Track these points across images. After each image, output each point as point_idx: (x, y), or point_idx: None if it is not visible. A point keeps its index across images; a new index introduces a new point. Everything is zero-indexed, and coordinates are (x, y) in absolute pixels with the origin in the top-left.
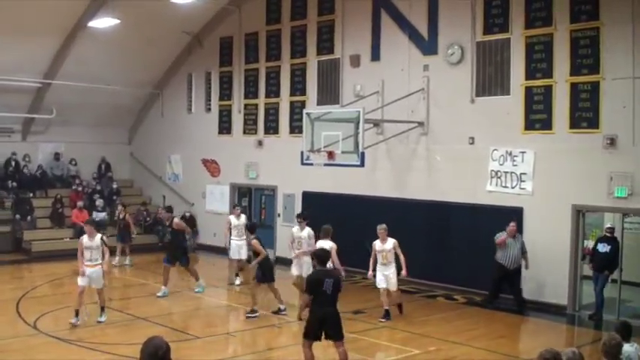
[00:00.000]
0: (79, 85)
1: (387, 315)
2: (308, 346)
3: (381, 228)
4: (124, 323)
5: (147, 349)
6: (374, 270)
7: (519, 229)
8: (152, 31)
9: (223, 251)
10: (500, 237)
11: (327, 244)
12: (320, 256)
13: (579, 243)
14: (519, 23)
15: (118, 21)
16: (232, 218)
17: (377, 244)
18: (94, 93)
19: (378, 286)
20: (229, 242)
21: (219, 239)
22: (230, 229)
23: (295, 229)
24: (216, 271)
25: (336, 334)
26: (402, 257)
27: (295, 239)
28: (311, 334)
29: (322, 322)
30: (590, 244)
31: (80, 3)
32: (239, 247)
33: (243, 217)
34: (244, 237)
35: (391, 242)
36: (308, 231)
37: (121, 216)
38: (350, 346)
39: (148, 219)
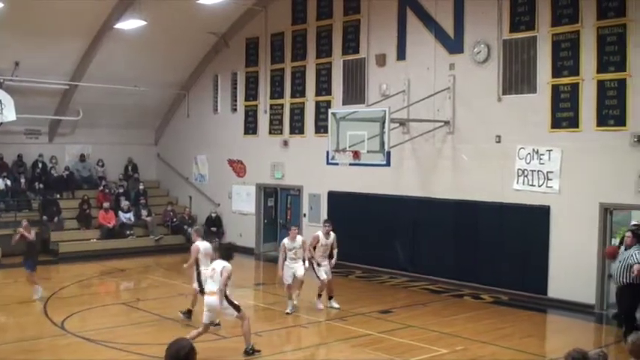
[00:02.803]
0: (106, 86)
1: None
2: None
3: (326, 224)
4: (152, 324)
5: (169, 351)
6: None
7: (546, 228)
8: (178, 31)
9: (249, 252)
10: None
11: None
12: None
13: (607, 241)
14: (546, 21)
15: (144, 22)
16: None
17: (321, 238)
18: (121, 94)
19: (321, 278)
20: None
21: (245, 240)
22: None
23: None
24: (243, 272)
25: None
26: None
27: None
28: None
29: None
30: (616, 242)
31: (107, 4)
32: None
33: (332, 235)
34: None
35: (332, 236)
36: None
37: (17, 237)
38: (378, 345)
39: (175, 219)
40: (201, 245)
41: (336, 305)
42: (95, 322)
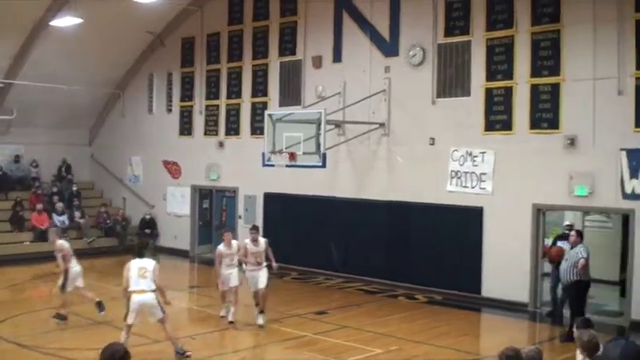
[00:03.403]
0: (40, 85)
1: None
2: None
3: (252, 231)
4: (85, 328)
5: (103, 355)
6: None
7: (479, 229)
8: (114, 30)
9: (184, 254)
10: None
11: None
12: None
13: (540, 241)
14: (480, 25)
15: (80, 20)
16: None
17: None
18: (56, 93)
19: (251, 290)
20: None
21: (180, 241)
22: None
23: None
24: (178, 274)
25: None
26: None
27: None
28: None
29: None
30: (548, 242)
31: (42, 2)
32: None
33: (262, 241)
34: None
35: (262, 242)
36: None
37: None
38: (313, 347)
39: (108, 221)
40: (65, 244)
41: (261, 321)
42: (29, 328)
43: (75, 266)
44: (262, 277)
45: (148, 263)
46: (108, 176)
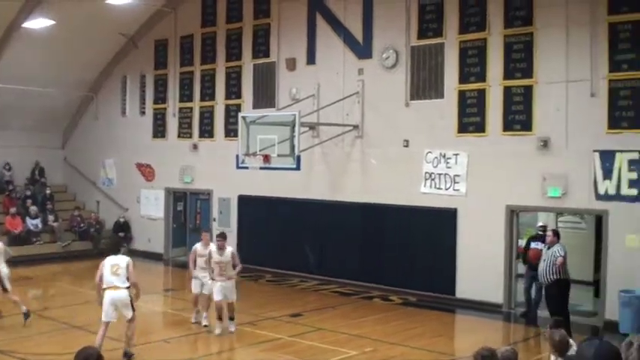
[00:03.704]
0: (14, 87)
1: None
2: None
3: (218, 239)
4: (59, 332)
5: (77, 359)
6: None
7: (454, 230)
8: (87, 32)
9: (158, 257)
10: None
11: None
12: None
13: (513, 242)
14: (453, 28)
15: (52, 22)
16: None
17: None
18: (29, 95)
19: (215, 299)
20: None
21: (154, 245)
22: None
23: None
24: (152, 277)
25: None
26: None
27: None
28: None
29: None
30: (522, 243)
31: (14, 4)
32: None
33: (228, 250)
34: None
35: (228, 251)
36: None
37: None
38: (288, 349)
39: (82, 225)
40: None
41: (232, 329)
42: (3, 333)
43: (3, 268)
44: (230, 291)
45: (121, 260)
46: (81, 179)
